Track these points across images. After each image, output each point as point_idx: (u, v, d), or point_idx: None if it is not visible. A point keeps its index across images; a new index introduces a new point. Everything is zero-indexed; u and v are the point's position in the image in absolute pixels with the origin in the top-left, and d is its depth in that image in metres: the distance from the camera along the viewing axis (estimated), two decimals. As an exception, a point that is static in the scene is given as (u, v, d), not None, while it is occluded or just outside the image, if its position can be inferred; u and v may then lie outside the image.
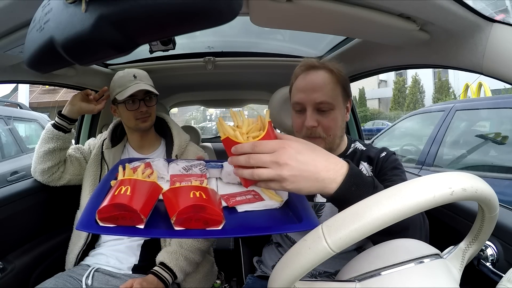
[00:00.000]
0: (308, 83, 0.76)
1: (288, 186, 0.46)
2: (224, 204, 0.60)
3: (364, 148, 0.83)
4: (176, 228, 0.51)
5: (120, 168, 0.62)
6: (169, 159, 0.77)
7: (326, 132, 0.76)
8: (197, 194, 0.52)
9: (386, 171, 0.75)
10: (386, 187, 0.69)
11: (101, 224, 0.50)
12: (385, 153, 0.79)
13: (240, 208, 0.60)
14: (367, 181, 0.50)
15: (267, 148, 0.47)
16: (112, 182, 0.60)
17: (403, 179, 0.72)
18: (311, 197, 0.80)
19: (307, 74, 0.78)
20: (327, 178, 0.47)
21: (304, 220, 0.55)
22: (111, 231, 0.51)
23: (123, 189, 0.52)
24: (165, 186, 0.59)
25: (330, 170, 0.48)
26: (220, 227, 0.52)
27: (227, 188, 0.70)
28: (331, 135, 0.77)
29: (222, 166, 0.75)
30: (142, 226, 0.50)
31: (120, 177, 0.59)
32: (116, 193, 0.51)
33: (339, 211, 0.52)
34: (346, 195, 0.47)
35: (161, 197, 0.56)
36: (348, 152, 0.83)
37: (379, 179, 0.74)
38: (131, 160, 0.79)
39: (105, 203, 0.50)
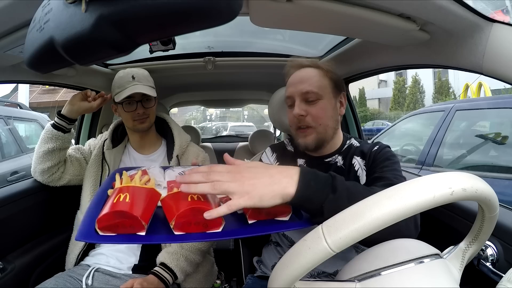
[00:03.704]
0: (296, 77, 0.82)
1: (251, 197, 0.46)
2: None
3: (358, 144, 0.84)
4: (176, 233, 0.50)
5: (117, 176, 0.61)
6: (164, 166, 0.78)
7: (316, 121, 0.78)
8: (195, 197, 0.52)
9: (378, 163, 0.75)
10: (375, 179, 0.71)
11: (101, 233, 0.49)
12: (378, 146, 0.79)
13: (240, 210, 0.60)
14: (323, 174, 0.52)
15: (222, 168, 0.50)
16: (109, 191, 0.59)
17: (394, 169, 0.72)
18: None
19: (296, 71, 0.83)
20: (283, 179, 0.48)
21: (304, 218, 0.55)
22: (112, 239, 0.50)
23: (122, 196, 0.51)
24: (163, 193, 0.58)
25: (284, 171, 0.50)
26: (220, 229, 0.52)
27: None
28: (321, 124, 0.78)
29: None
30: (143, 233, 0.50)
31: (117, 185, 0.57)
32: (115, 201, 0.50)
33: (308, 215, 0.54)
34: (308, 191, 0.48)
35: (159, 204, 0.56)
36: (343, 149, 0.84)
37: (371, 172, 0.75)
38: (127, 169, 0.78)
39: (104, 211, 0.49)
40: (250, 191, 0.46)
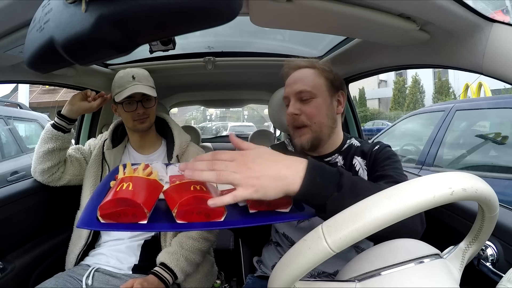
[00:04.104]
0: (291, 78, 0.83)
1: (256, 190, 0.45)
2: None
3: (359, 144, 0.84)
4: (178, 221, 0.51)
5: (121, 167, 0.62)
6: (166, 163, 0.78)
7: (310, 119, 0.79)
8: (198, 187, 0.53)
9: (379, 162, 0.75)
10: (377, 177, 0.70)
11: (102, 221, 0.49)
12: (378, 146, 0.80)
13: (241, 202, 0.60)
14: (331, 170, 0.50)
15: (227, 156, 0.48)
16: (112, 183, 0.60)
17: (396, 167, 0.71)
18: None
19: (293, 72, 0.84)
20: (290, 175, 0.47)
21: (306, 209, 0.55)
22: (113, 227, 0.50)
23: (125, 185, 0.52)
24: (165, 187, 0.59)
25: (291, 166, 0.48)
26: (222, 219, 0.52)
27: (226, 185, 0.70)
28: (315, 122, 0.79)
29: None
30: (145, 222, 0.50)
31: (120, 176, 0.58)
32: (118, 189, 0.51)
33: (313, 211, 0.53)
34: (313, 188, 0.47)
35: (162, 196, 0.56)
36: (343, 148, 0.84)
37: (372, 171, 0.75)
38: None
39: (107, 198, 0.49)
40: (255, 185, 0.45)
